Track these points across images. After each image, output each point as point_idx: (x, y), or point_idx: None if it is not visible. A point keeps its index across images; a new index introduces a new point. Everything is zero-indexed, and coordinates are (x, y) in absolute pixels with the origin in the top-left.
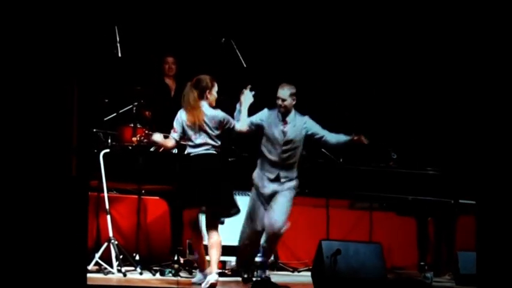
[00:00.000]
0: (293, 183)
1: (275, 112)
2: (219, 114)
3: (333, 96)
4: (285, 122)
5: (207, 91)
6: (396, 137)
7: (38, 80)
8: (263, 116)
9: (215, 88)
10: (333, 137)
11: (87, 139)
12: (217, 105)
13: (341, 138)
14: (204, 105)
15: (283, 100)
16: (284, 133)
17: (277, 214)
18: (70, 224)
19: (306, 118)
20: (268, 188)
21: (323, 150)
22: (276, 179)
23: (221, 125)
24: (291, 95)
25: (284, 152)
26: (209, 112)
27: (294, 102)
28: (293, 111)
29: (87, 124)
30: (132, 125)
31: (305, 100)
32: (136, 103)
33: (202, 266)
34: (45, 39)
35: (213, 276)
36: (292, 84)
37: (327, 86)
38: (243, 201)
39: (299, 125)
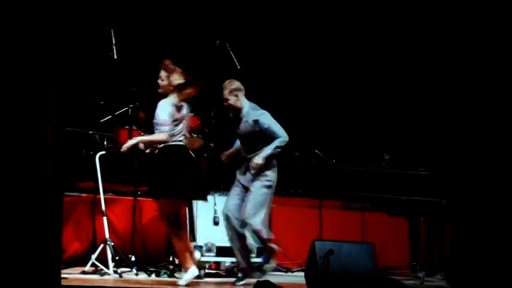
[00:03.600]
0: (264, 179)
1: None
2: None
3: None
4: (239, 118)
5: None
6: (388, 137)
7: (14, 78)
8: None
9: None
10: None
11: (63, 138)
12: None
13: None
14: None
15: (226, 100)
16: (239, 128)
17: (248, 206)
18: (44, 223)
19: (260, 114)
20: (241, 179)
21: (316, 151)
22: (245, 172)
23: None
24: (231, 91)
25: (243, 145)
26: None
27: (237, 98)
28: (246, 107)
29: (64, 123)
30: (127, 127)
31: (295, 99)
32: (131, 105)
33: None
34: (23, 38)
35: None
36: (234, 81)
37: (319, 87)
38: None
39: (250, 120)
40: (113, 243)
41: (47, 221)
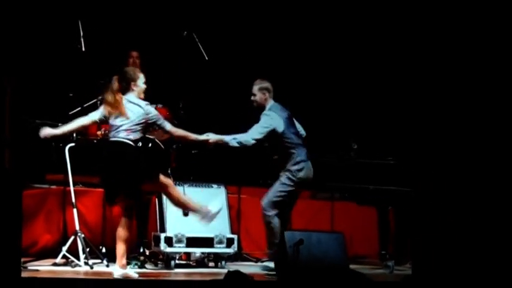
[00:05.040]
0: (282, 175)
1: None
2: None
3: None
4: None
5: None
6: (356, 127)
7: None
8: None
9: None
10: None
11: (22, 132)
12: None
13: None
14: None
15: (253, 95)
16: None
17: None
18: (4, 217)
19: (265, 112)
20: None
21: None
22: None
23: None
24: (260, 89)
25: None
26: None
27: (264, 97)
28: (269, 105)
29: (21, 116)
30: None
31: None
32: (100, 97)
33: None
34: None
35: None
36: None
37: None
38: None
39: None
40: (83, 235)
41: (6, 215)
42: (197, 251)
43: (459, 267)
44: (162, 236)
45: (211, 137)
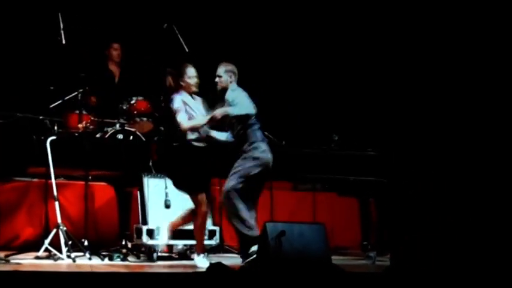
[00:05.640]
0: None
1: None
2: None
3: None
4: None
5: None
6: (337, 119)
7: None
8: None
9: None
10: None
11: None
12: None
13: None
14: None
15: (219, 76)
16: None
17: None
18: None
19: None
20: None
21: (265, 133)
22: None
23: None
24: (227, 71)
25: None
26: None
27: (230, 80)
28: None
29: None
30: (77, 111)
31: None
32: (81, 90)
33: None
34: None
35: None
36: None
37: (267, 68)
38: None
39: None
40: (65, 228)
41: None
42: (179, 243)
43: (440, 257)
44: (144, 228)
45: (217, 111)
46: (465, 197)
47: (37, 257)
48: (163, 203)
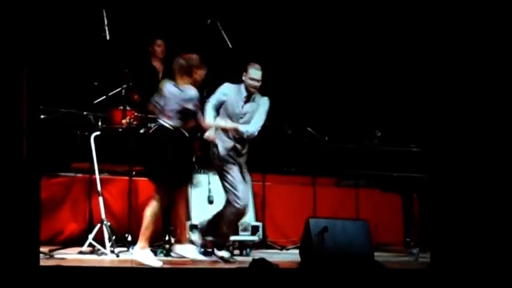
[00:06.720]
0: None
1: (239, 88)
2: None
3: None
4: (247, 100)
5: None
6: (380, 114)
7: None
8: (227, 90)
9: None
10: None
11: (38, 121)
12: None
13: None
14: None
15: (259, 81)
16: (243, 109)
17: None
18: (22, 206)
19: (265, 99)
20: (241, 160)
21: (308, 129)
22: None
23: None
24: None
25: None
26: None
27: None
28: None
29: (38, 106)
30: (121, 107)
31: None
32: (125, 86)
33: None
34: None
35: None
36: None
37: (311, 65)
38: None
39: (256, 103)
40: (109, 223)
41: (25, 204)
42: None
43: (478, 255)
44: (188, 223)
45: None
46: (508, 195)
47: (81, 252)
48: (207, 199)
